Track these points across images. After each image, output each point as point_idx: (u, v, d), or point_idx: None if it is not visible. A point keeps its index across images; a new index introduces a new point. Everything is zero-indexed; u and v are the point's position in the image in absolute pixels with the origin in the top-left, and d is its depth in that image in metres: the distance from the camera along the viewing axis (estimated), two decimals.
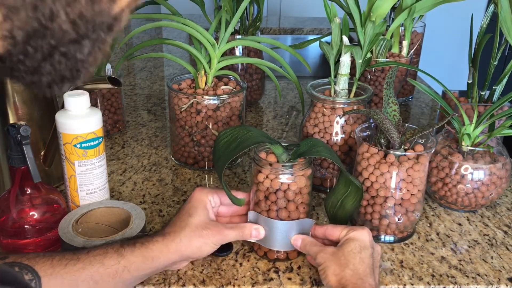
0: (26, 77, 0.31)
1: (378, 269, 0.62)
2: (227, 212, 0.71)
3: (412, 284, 0.65)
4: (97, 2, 0.29)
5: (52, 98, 0.84)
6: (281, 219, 0.66)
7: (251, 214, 0.68)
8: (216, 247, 0.65)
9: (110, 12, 0.31)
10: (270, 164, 0.65)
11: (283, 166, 0.65)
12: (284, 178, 0.65)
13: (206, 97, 0.86)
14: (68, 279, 0.56)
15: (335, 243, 0.64)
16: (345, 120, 0.81)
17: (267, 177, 0.65)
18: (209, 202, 0.67)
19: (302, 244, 0.66)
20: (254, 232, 0.66)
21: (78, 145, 0.70)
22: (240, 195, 0.70)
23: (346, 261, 0.60)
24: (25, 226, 0.67)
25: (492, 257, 0.71)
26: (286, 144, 0.68)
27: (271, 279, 0.66)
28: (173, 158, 0.96)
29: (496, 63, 0.88)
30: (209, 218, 0.66)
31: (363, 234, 0.62)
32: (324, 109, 0.81)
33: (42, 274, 0.55)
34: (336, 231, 0.65)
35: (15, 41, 0.28)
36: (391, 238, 0.73)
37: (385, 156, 0.68)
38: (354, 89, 0.83)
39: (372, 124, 0.76)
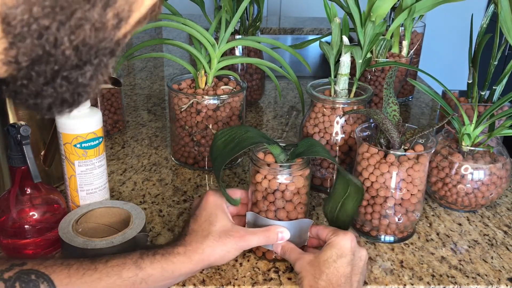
0: (29, 100, 0.32)
1: (360, 275, 0.60)
2: (232, 212, 0.70)
3: (412, 284, 0.65)
4: (102, 29, 0.30)
5: None
6: (279, 220, 0.66)
7: (249, 215, 0.68)
8: (239, 253, 0.64)
9: (114, 38, 0.31)
10: (268, 165, 0.65)
11: (281, 166, 0.65)
12: (282, 178, 0.65)
13: (206, 97, 0.86)
14: None
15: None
16: (345, 120, 0.81)
17: (265, 177, 0.65)
18: (225, 204, 0.66)
19: (282, 251, 0.65)
20: (280, 235, 0.64)
21: (78, 145, 0.70)
22: (238, 193, 0.70)
23: (320, 271, 0.59)
24: (25, 226, 0.67)
25: (492, 257, 0.71)
26: (284, 144, 0.68)
27: (271, 279, 0.66)
28: (173, 158, 0.96)
29: (496, 63, 0.88)
30: (230, 222, 0.64)
31: (343, 240, 0.61)
32: (324, 109, 0.81)
33: (58, 283, 0.55)
34: (324, 233, 0.64)
35: (19, 66, 0.29)
36: (391, 238, 0.73)
37: (385, 156, 0.68)
38: (354, 89, 0.83)
39: (372, 124, 0.76)
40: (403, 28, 1.16)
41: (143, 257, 0.59)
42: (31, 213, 0.68)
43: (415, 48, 1.30)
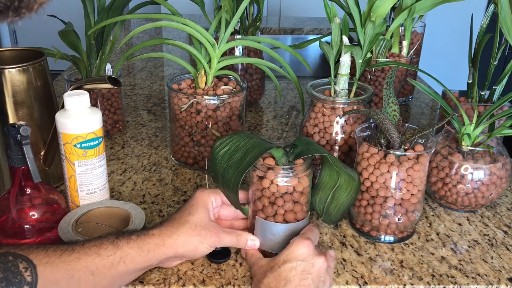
0: None
1: (309, 281, 0.59)
2: (228, 216, 0.71)
3: (412, 284, 0.65)
4: None
5: (52, 98, 0.84)
6: (287, 222, 0.66)
7: (259, 221, 0.67)
8: (211, 249, 0.65)
9: None
10: (272, 168, 0.64)
11: (287, 169, 0.64)
12: (289, 180, 0.64)
13: (206, 97, 0.86)
14: (64, 268, 0.56)
15: None
16: (345, 120, 0.81)
17: (272, 182, 0.64)
18: (211, 202, 0.67)
19: (245, 254, 0.67)
20: (250, 243, 0.66)
21: (78, 145, 0.70)
22: (242, 195, 0.70)
23: (264, 275, 0.60)
24: (25, 226, 0.67)
25: (492, 257, 0.71)
26: (282, 146, 0.68)
27: None
28: (173, 158, 0.96)
29: (496, 63, 0.88)
30: (209, 219, 0.66)
31: (297, 246, 0.61)
32: (324, 109, 0.81)
33: (37, 263, 0.54)
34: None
35: None
36: (391, 238, 0.73)
37: (385, 156, 0.68)
38: (354, 89, 0.83)
39: (372, 124, 0.76)
40: (403, 28, 1.16)
41: (119, 237, 0.60)
42: (31, 213, 0.68)
43: (415, 48, 1.30)
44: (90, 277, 0.57)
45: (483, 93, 0.90)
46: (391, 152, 0.68)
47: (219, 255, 0.68)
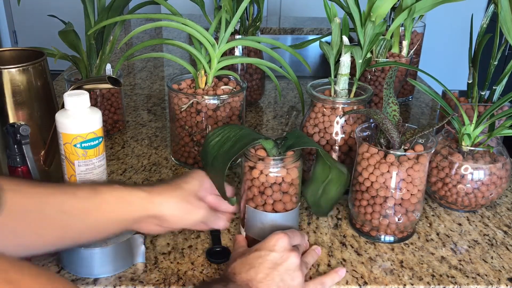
0: None
1: (275, 272, 0.58)
2: (214, 204, 0.70)
3: (412, 284, 0.65)
4: None
5: (52, 98, 0.84)
6: (276, 212, 0.67)
7: (250, 210, 0.69)
8: (197, 223, 0.65)
9: None
10: (262, 159, 0.66)
11: (277, 160, 0.66)
12: (279, 171, 0.66)
13: (206, 97, 0.86)
14: (35, 199, 0.51)
15: None
16: (345, 120, 0.81)
17: (261, 172, 0.66)
18: (206, 183, 0.68)
19: (234, 243, 0.69)
20: (223, 223, 0.68)
21: (78, 145, 0.70)
22: (229, 190, 0.71)
23: (233, 260, 0.62)
24: None
25: (492, 257, 0.71)
26: (274, 138, 0.70)
27: None
28: (173, 158, 0.96)
29: (496, 63, 0.88)
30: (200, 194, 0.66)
31: (272, 237, 0.61)
32: (324, 109, 0.81)
33: (6, 188, 0.49)
34: None
35: None
36: (391, 238, 0.73)
37: (385, 156, 0.68)
38: (354, 89, 0.83)
39: (372, 124, 0.76)
40: (403, 28, 1.16)
41: (101, 184, 0.57)
42: None
43: (415, 48, 1.30)
44: (62, 216, 0.53)
45: (483, 93, 0.90)
46: (391, 152, 0.68)
47: (219, 255, 0.68)
